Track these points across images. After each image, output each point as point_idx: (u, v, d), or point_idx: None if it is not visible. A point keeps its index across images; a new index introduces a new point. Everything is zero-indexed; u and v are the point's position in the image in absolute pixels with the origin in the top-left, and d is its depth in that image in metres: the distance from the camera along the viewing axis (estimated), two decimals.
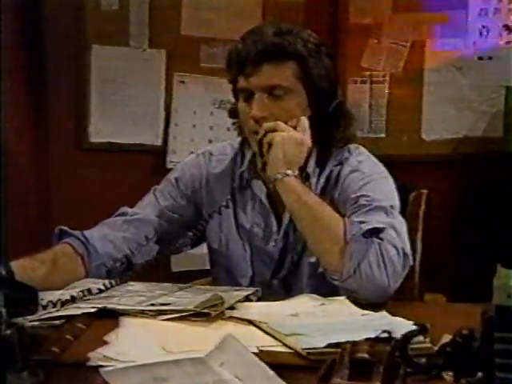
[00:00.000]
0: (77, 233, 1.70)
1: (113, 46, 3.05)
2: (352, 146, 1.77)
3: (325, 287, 1.60)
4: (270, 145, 1.63)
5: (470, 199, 2.90)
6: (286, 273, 1.73)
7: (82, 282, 1.61)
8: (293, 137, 1.63)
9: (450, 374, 1.01)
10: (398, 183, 2.03)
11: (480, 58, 2.91)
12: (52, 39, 3.04)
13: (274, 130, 1.63)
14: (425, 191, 1.94)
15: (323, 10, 2.93)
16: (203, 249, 1.87)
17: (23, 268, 1.52)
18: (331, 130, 1.73)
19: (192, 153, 1.98)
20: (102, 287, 1.55)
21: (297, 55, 1.65)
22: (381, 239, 1.55)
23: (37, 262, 1.58)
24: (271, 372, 1.00)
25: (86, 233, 1.71)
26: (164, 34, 3.01)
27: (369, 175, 1.69)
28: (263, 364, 1.02)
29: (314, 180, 1.71)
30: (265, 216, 1.75)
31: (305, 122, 1.67)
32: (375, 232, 1.56)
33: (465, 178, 2.91)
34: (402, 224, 1.63)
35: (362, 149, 1.79)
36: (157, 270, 1.86)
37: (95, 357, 1.15)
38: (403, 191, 1.95)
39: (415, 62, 2.93)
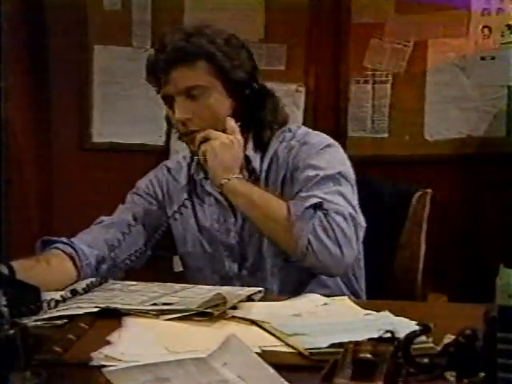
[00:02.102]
0: (61, 239, 1.73)
1: (115, 46, 3.05)
2: (293, 126, 1.86)
3: (292, 269, 1.71)
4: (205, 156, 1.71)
5: (473, 199, 2.90)
6: (251, 262, 1.79)
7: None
8: (223, 143, 1.70)
9: (453, 374, 1.01)
10: (400, 185, 2.04)
11: (483, 58, 2.91)
12: (54, 39, 3.04)
13: (207, 139, 1.71)
14: (429, 191, 1.95)
15: (326, 10, 2.93)
16: None
17: (22, 267, 1.53)
18: (258, 113, 1.78)
19: None
20: (86, 287, 1.55)
21: (204, 53, 1.70)
22: (325, 210, 1.63)
23: (32, 261, 1.60)
24: (274, 372, 1.00)
25: (71, 240, 1.75)
26: None
27: (317, 145, 1.76)
28: (266, 364, 1.02)
29: (257, 164, 1.78)
30: (222, 210, 1.81)
31: (231, 122, 1.73)
32: (319, 205, 1.63)
33: (467, 178, 2.91)
34: (349, 190, 1.70)
35: (303, 126, 1.88)
36: (159, 271, 1.86)
37: (98, 357, 1.16)
38: (406, 191, 1.97)
39: (418, 61, 2.93)
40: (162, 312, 1.40)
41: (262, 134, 1.79)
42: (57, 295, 1.47)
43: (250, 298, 1.51)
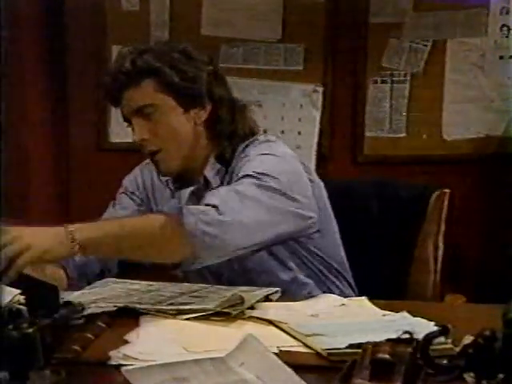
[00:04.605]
0: None
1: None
2: (261, 136, 1.76)
3: (270, 281, 1.62)
4: None
5: (491, 199, 2.88)
6: (227, 277, 1.72)
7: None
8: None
9: (472, 375, 1.01)
10: (418, 185, 2.03)
11: (501, 57, 2.89)
12: (73, 40, 3.05)
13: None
14: (447, 191, 1.94)
15: (344, 10, 2.92)
16: None
17: None
18: (219, 126, 1.71)
19: None
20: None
21: (150, 71, 1.65)
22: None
23: (28, 268, 1.57)
24: (292, 372, 1.00)
25: None
26: (184, 35, 3.02)
27: (254, 155, 1.66)
28: (284, 364, 1.01)
29: (216, 181, 1.69)
30: None
31: None
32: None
33: (486, 178, 2.89)
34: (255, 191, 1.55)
35: (271, 137, 1.77)
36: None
37: (116, 356, 1.16)
38: (424, 192, 1.96)
39: (436, 61, 2.91)
40: (180, 312, 1.40)
41: (223, 148, 1.72)
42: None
43: (267, 298, 1.51)
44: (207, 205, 1.48)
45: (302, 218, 1.64)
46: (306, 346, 1.23)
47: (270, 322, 1.36)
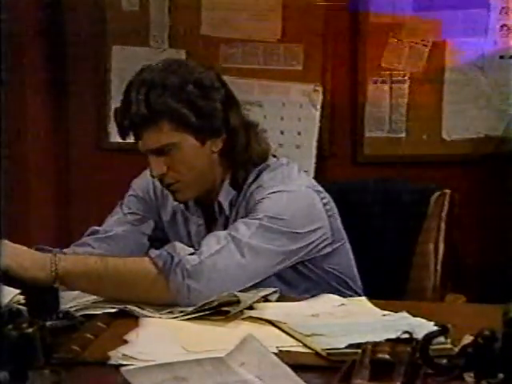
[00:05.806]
0: (55, 250, 1.66)
1: (133, 47, 3.06)
2: (272, 160, 1.76)
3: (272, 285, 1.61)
4: None
5: (491, 199, 2.88)
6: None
7: None
8: None
9: (471, 375, 1.01)
10: (418, 185, 2.03)
11: (501, 57, 2.89)
12: (73, 40, 3.05)
13: None
14: (448, 191, 1.93)
15: (343, 10, 2.92)
16: None
17: None
18: (234, 153, 1.71)
19: None
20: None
21: (167, 112, 1.63)
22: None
23: None
24: (291, 372, 1.00)
25: (63, 251, 1.70)
26: (184, 35, 3.02)
27: (268, 190, 1.66)
28: (283, 364, 1.02)
29: (227, 210, 1.71)
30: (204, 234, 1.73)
31: None
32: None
33: (486, 178, 2.89)
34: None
35: (283, 159, 1.78)
36: None
37: (116, 356, 1.16)
38: (424, 192, 1.96)
39: (436, 61, 2.91)
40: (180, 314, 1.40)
41: (237, 174, 1.73)
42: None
43: (266, 299, 1.51)
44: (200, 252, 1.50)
45: (301, 252, 1.65)
46: (305, 346, 1.23)
47: (270, 322, 1.36)
